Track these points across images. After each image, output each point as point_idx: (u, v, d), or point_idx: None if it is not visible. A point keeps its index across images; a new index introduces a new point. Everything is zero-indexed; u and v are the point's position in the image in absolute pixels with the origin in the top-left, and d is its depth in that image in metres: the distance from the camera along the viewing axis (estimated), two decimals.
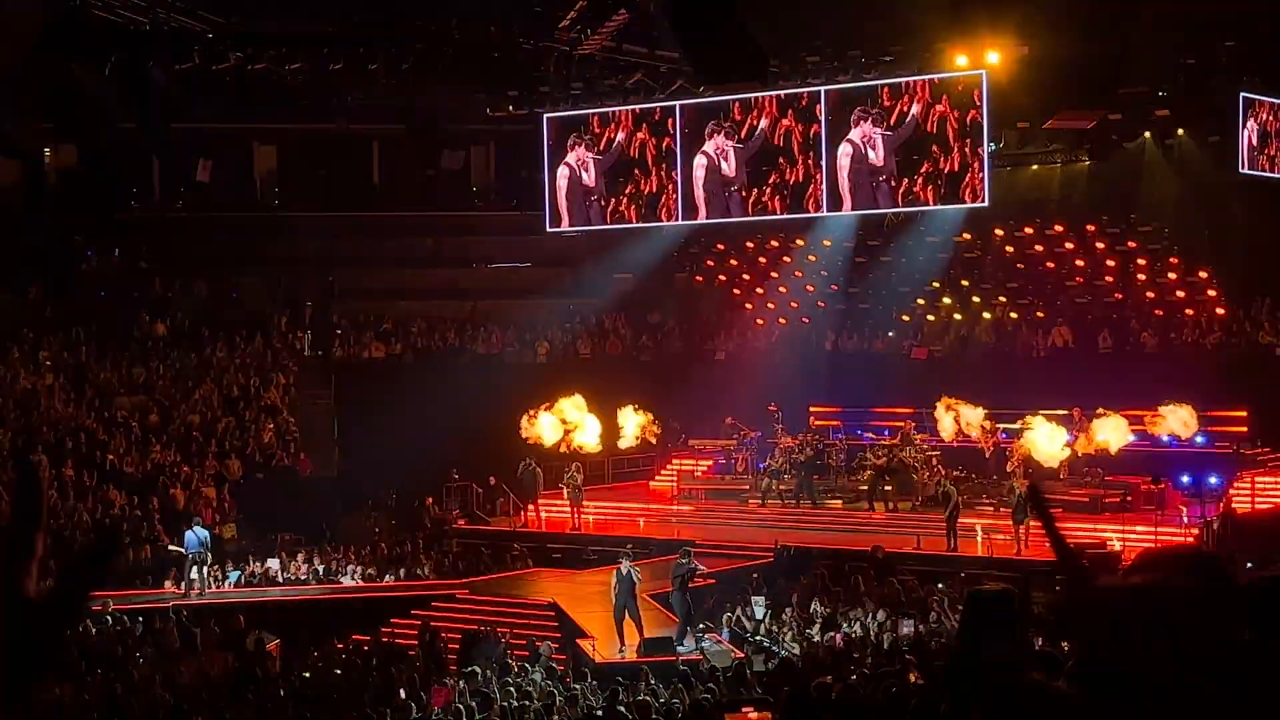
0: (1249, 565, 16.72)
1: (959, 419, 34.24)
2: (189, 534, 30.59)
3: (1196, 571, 3.79)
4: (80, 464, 35.38)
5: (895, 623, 24.96)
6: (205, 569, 30.50)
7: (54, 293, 41.50)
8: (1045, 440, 31.72)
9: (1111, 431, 31.80)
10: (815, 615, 26.26)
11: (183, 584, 30.38)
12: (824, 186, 33.42)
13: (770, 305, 44.62)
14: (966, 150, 31.82)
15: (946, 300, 42.34)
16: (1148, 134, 35.73)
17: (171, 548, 31.32)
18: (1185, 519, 29.86)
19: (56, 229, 42.38)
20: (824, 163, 33.41)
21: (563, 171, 36.34)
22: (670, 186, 35.39)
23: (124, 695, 19.26)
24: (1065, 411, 33.73)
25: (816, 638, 24.72)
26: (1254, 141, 32.32)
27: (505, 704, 19.11)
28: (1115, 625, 3.39)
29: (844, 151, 32.84)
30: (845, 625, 25.37)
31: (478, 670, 21.84)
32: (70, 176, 42.93)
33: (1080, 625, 3.53)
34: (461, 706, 18.83)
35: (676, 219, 35.81)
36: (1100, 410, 32.25)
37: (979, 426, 34.31)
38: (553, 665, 23.12)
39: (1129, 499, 32.21)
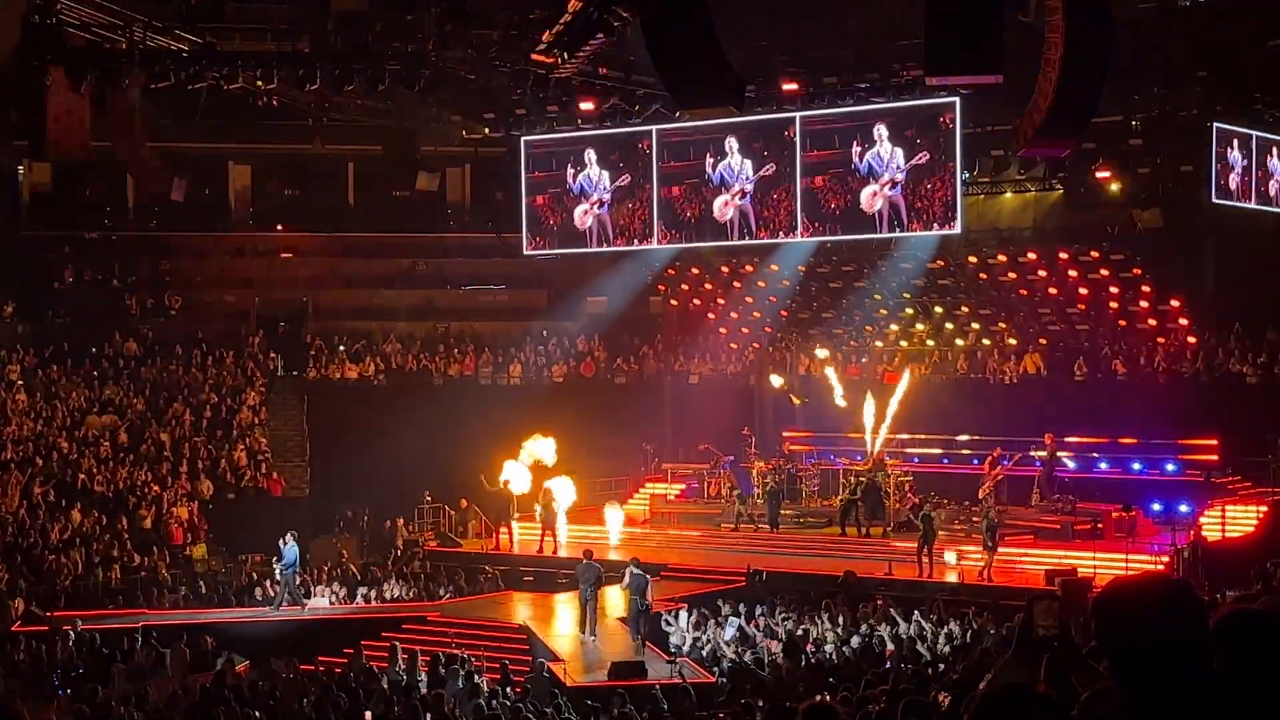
0: (1230, 594, 16.78)
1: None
2: (288, 549, 30.60)
3: (1170, 601, 3.83)
4: (50, 483, 35.20)
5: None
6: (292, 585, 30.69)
7: (26, 311, 41.37)
8: None
9: None
10: (777, 632, 26.34)
11: (277, 600, 30.66)
12: (798, 209, 33.56)
13: (745, 330, 44.71)
14: (940, 177, 31.96)
15: (920, 326, 42.49)
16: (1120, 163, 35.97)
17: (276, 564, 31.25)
18: (1156, 547, 29.97)
19: (29, 247, 42.27)
20: (797, 187, 33.53)
21: (583, 185, 36.27)
22: (646, 208, 35.49)
23: (94, 716, 19.15)
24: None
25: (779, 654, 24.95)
26: (1225, 172, 32.54)
27: None
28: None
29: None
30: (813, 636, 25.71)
31: (443, 694, 21.77)
32: (44, 194, 42.83)
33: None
34: None
35: (660, 241, 35.88)
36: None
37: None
38: (477, 682, 22.93)
39: (1100, 526, 32.38)
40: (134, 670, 24.82)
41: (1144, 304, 39.04)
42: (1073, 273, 39.36)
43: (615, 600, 29.10)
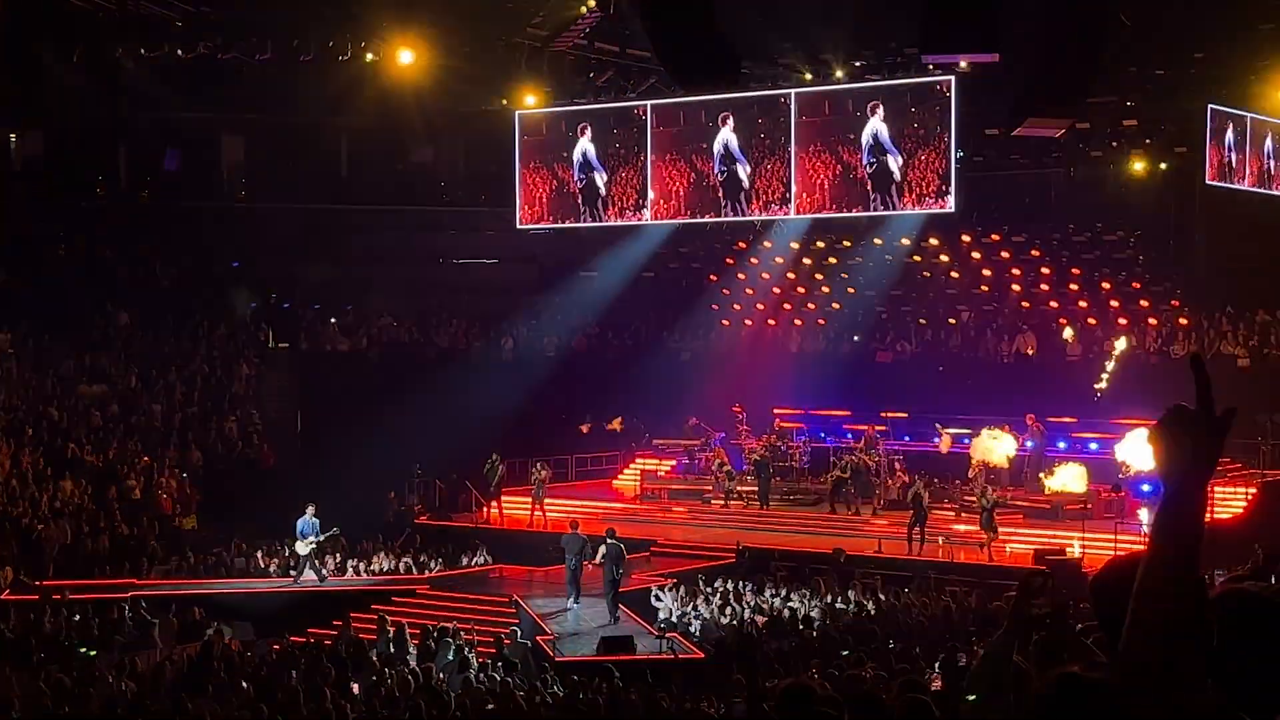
0: (1219, 575, 16.80)
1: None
2: (306, 521, 30.59)
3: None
4: (40, 452, 35.13)
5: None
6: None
7: (16, 280, 41.21)
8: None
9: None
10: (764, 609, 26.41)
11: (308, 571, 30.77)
12: (793, 187, 33.48)
13: (736, 307, 44.67)
14: (934, 156, 31.91)
15: (906, 308, 42.48)
16: (1115, 144, 35.91)
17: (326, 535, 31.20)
18: (1144, 527, 29.94)
19: (20, 216, 42.09)
20: (793, 164, 33.47)
21: (577, 159, 36.21)
22: (639, 182, 35.42)
23: (79, 686, 19.11)
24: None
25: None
26: (1219, 154, 32.49)
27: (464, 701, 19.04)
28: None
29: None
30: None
31: (431, 668, 21.77)
32: (36, 163, 42.64)
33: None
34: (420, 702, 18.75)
35: (654, 215, 35.81)
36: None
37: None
38: (467, 655, 22.94)
39: (1089, 506, 32.38)
40: (123, 641, 24.81)
41: (1136, 284, 39.03)
42: (1065, 253, 39.35)
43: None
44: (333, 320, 43.06)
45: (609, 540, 27.35)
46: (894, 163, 32.14)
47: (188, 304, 42.15)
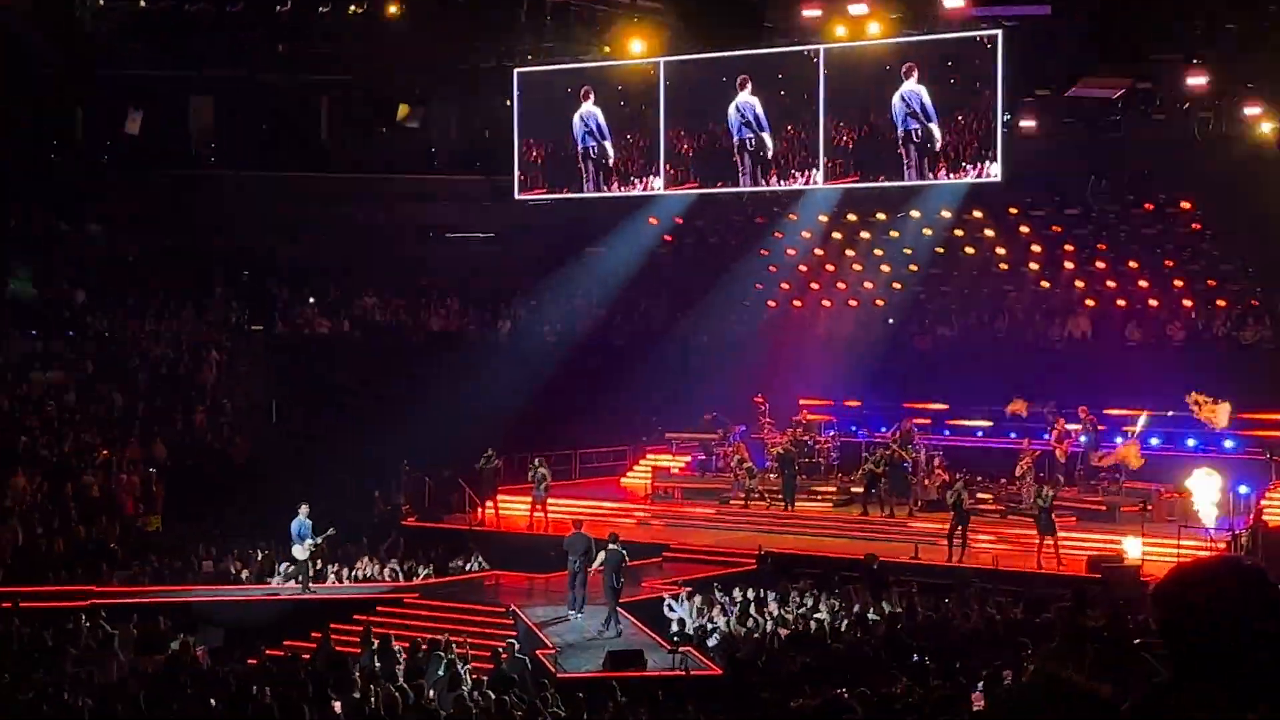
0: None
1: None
2: (298, 522, 30.78)
3: (1243, 588, 3.83)
4: None
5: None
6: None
7: None
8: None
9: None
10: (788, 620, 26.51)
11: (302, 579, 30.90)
12: (820, 155, 33.52)
13: (758, 286, 44.67)
14: (977, 120, 31.92)
15: (946, 289, 42.45)
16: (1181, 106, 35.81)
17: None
18: (1211, 532, 29.94)
19: None
20: (821, 127, 33.51)
21: (578, 121, 36.30)
22: (649, 149, 35.49)
23: (34, 701, 19.22)
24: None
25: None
26: None
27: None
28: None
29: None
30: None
31: (421, 685, 21.85)
32: None
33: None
34: None
35: (665, 186, 35.87)
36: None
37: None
38: (459, 670, 22.99)
39: (1149, 508, 32.37)
40: (80, 654, 24.91)
41: (1202, 261, 38.97)
42: (1123, 228, 39.31)
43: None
44: (312, 300, 43.17)
45: (610, 546, 27.48)
46: (933, 129, 32.16)
47: (151, 281, 42.23)
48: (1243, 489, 32.41)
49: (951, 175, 32.80)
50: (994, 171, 32.20)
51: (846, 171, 33.81)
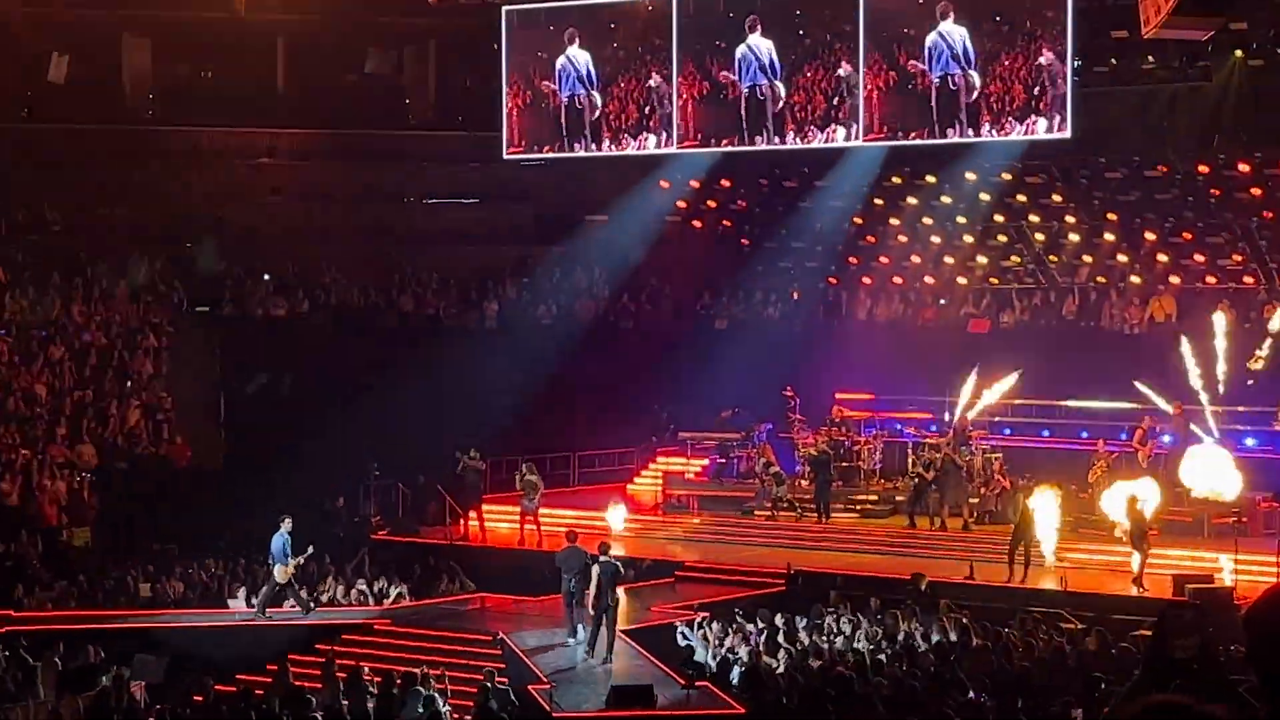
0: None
1: None
2: (278, 537, 30.69)
3: None
4: None
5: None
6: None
7: None
8: None
9: None
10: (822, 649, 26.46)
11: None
12: (860, 109, 33.45)
13: (786, 262, 44.57)
14: (1044, 66, 31.85)
15: (1015, 259, 42.27)
16: None
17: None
18: None
19: None
20: (861, 76, 33.43)
21: (562, 68, 36.27)
22: (661, 102, 35.40)
23: None
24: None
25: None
26: None
27: None
28: None
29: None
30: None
31: None
32: None
33: None
34: None
35: (671, 144, 35.80)
36: None
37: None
38: (439, 708, 22.97)
39: (1244, 520, 32.24)
40: None
41: None
42: (1215, 191, 39.11)
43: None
44: (266, 277, 43.07)
45: (602, 558, 27.41)
46: (973, 77, 32.17)
47: (79, 255, 42.16)
48: None
49: (1004, 132, 32.70)
50: (1060, 127, 32.06)
51: (885, 124, 33.74)
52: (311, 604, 30.95)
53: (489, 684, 24.38)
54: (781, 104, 34.38)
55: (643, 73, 35.56)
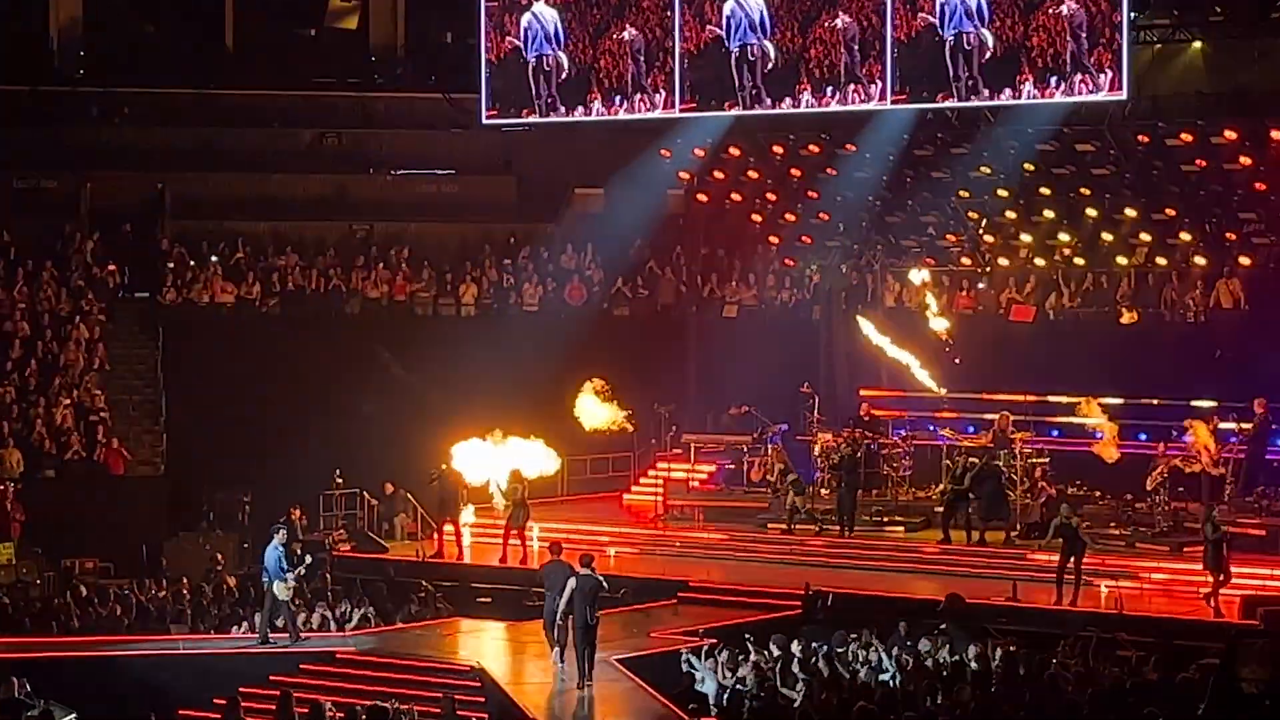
0: None
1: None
2: (270, 550, 30.58)
3: None
4: None
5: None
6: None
7: None
8: None
9: None
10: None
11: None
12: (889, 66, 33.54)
13: (804, 240, 44.57)
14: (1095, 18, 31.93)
15: (1064, 237, 42.27)
16: None
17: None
18: None
19: None
20: (888, 32, 33.51)
21: (528, 25, 36.40)
22: (660, 60, 35.50)
23: None
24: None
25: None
26: None
27: None
28: None
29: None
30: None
31: None
32: None
33: None
34: None
35: (671, 107, 35.87)
36: None
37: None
38: None
39: None
40: None
41: None
42: None
43: None
44: (213, 260, 43.05)
45: (582, 571, 27.43)
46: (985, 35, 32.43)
47: (1, 234, 42.17)
48: None
49: (1049, 93, 32.80)
50: (1115, 84, 32.09)
51: (898, 88, 33.97)
52: (300, 632, 30.80)
53: (450, 711, 24.45)
54: (771, 64, 34.45)
55: (623, 24, 35.65)
